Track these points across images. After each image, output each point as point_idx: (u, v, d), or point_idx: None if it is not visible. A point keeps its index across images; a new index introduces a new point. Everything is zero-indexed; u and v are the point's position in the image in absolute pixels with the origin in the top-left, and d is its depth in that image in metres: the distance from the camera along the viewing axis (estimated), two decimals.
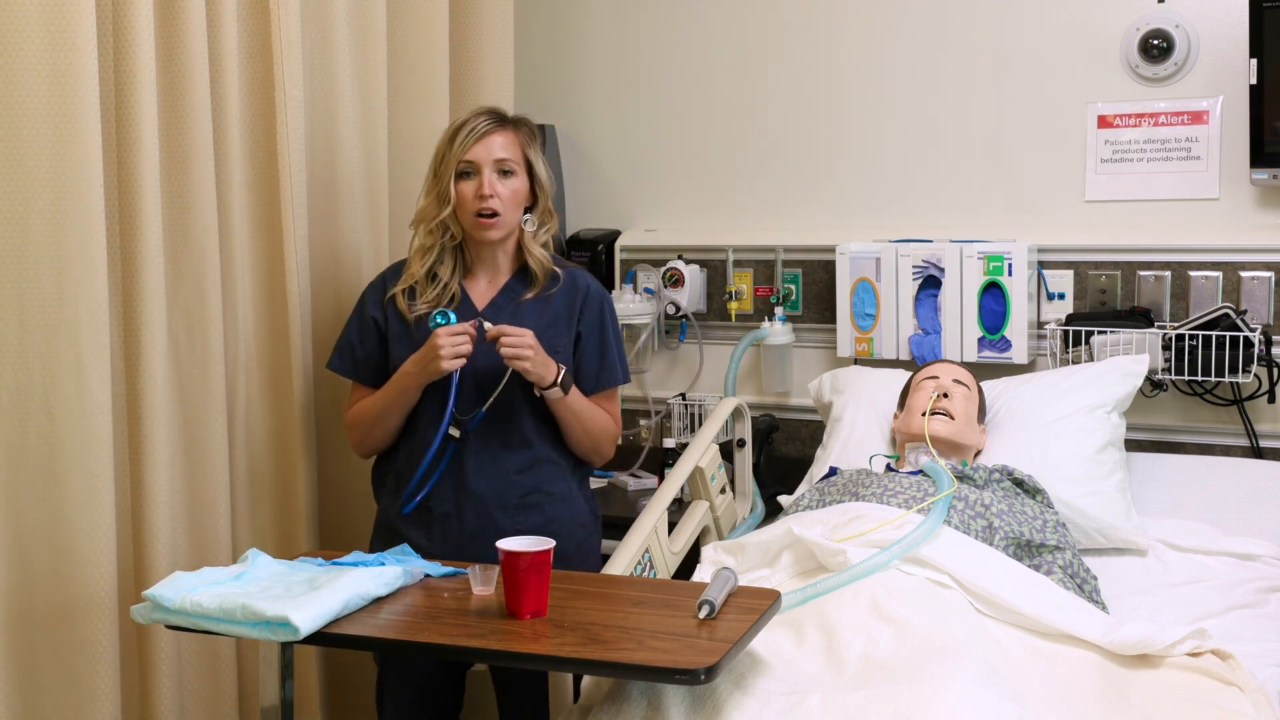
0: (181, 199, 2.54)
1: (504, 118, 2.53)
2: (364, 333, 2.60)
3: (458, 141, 2.48)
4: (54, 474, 2.30)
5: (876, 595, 2.22)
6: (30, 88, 2.23)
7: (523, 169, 2.52)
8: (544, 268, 2.57)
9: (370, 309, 2.60)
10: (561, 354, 2.53)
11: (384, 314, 2.58)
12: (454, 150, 2.48)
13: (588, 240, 3.64)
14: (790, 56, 3.50)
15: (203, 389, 2.59)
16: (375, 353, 2.59)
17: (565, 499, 2.58)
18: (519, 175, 2.51)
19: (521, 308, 2.55)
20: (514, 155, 2.51)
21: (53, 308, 2.28)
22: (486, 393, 2.49)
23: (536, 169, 2.54)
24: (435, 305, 2.52)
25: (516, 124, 2.55)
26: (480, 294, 2.57)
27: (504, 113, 2.55)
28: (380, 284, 2.62)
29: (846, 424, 3.07)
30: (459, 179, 2.48)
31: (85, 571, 2.32)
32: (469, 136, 2.48)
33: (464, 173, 2.48)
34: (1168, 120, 3.12)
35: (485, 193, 2.46)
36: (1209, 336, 2.90)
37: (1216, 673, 2.11)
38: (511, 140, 2.51)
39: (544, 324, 2.54)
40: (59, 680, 2.32)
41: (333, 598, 1.98)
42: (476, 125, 2.49)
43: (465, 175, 2.48)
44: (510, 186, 2.50)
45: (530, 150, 2.54)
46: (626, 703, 1.99)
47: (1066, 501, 2.73)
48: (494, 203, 2.47)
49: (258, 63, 2.70)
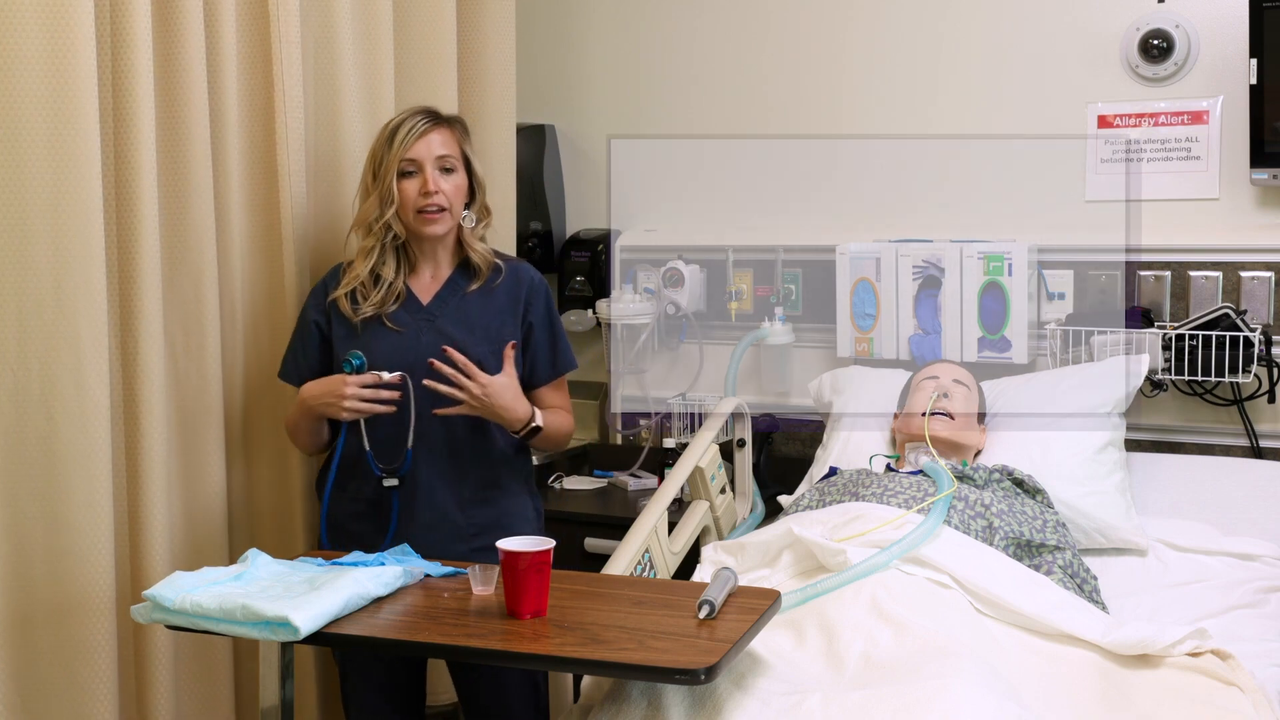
0: (179, 201, 2.54)
1: (439, 115, 2.57)
2: (305, 338, 2.62)
3: (398, 141, 2.51)
4: (52, 475, 2.30)
5: (876, 595, 2.22)
6: (29, 88, 2.23)
7: (461, 165, 2.57)
8: (486, 260, 2.61)
9: (312, 313, 2.62)
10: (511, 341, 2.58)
11: (326, 318, 2.60)
12: (395, 150, 2.51)
13: (588, 240, 3.64)
14: (790, 56, 3.50)
15: (200, 390, 2.59)
16: (315, 359, 2.61)
17: (516, 495, 2.64)
18: (459, 171, 2.56)
19: (466, 300, 2.58)
20: (453, 152, 2.55)
21: (51, 309, 2.28)
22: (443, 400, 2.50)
23: (474, 165, 2.59)
24: (381, 306, 2.54)
25: (452, 121, 2.59)
26: (424, 290, 2.59)
27: (439, 111, 2.59)
28: (321, 288, 2.63)
29: (846, 424, 3.07)
30: (401, 178, 2.51)
31: (83, 572, 2.32)
32: (409, 135, 2.51)
33: (406, 172, 2.51)
34: (1168, 120, 3.12)
35: (430, 189, 2.50)
36: (1209, 336, 2.90)
37: (1216, 673, 2.11)
38: (450, 137, 2.55)
39: (489, 314, 2.58)
40: (57, 680, 2.32)
41: (333, 598, 1.98)
42: (415, 124, 2.52)
43: (407, 174, 2.51)
44: (452, 182, 2.54)
45: (467, 147, 2.59)
46: (626, 703, 1.99)
47: (1066, 501, 2.72)
48: (439, 198, 2.51)
49: (257, 65, 2.70)
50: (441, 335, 2.53)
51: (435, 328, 2.55)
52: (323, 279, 2.65)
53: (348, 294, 2.56)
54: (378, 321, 2.54)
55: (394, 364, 2.50)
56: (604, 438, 3.71)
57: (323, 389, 2.50)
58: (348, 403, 2.44)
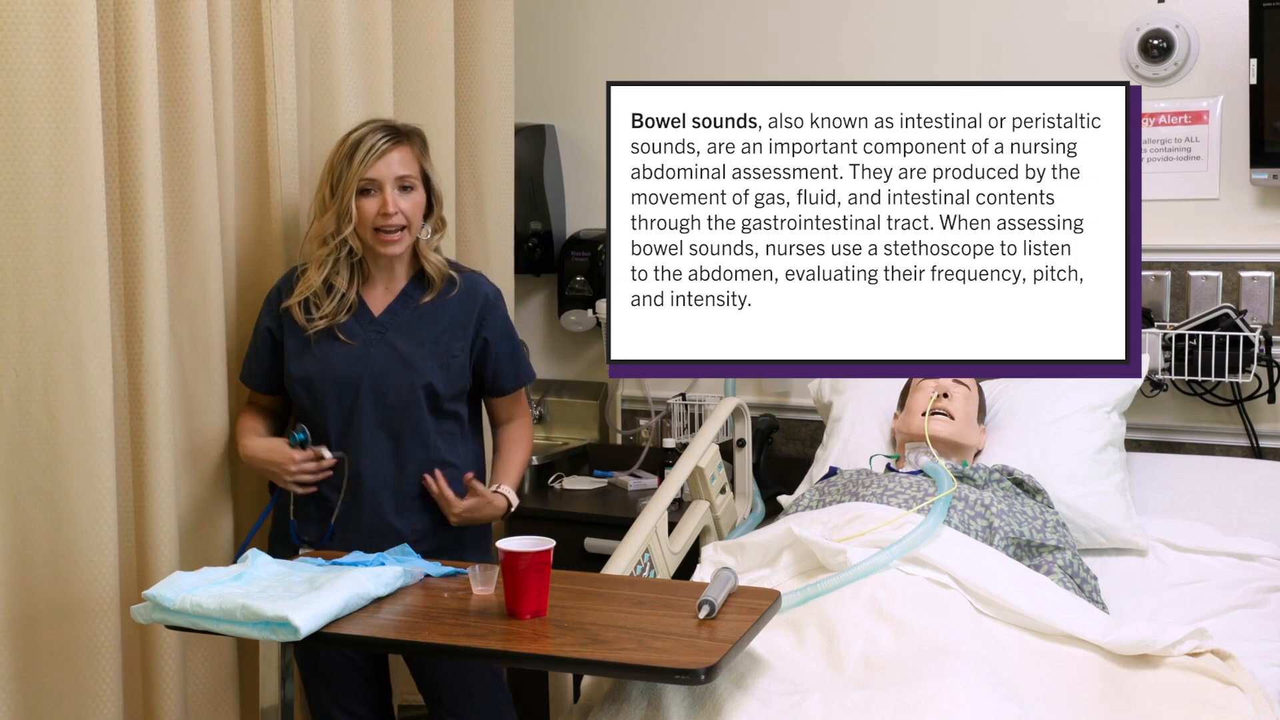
0: (184, 199, 2.53)
1: (398, 130, 2.55)
2: (258, 343, 2.62)
3: (357, 159, 2.49)
4: (55, 474, 2.30)
5: (876, 595, 2.22)
6: (31, 87, 2.22)
7: (420, 182, 2.56)
8: (440, 273, 2.60)
9: (265, 319, 2.62)
10: (459, 358, 2.58)
11: (279, 324, 2.60)
12: (354, 169, 2.49)
13: (588, 240, 3.64)
14: (788, 57, 3.50)
15: (205, 388, 2.59)
16: (268, 363, 2.61)
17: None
18: (418, 189, 2.55)
19: (419, 311, 2.58)
20: (413, 170, 2.54)
21: (53, 309, 2.27)
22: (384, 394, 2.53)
23: (432, 179, 2.59)
24: (333, 318, 2.54)
25: (410, 136, 2.57)
26: (377, 301, 2.59)
27: (397, 125, 2.57)
28: (275, 294, 2.63)
29: (846, 424, 3.07)
30: (359, 196, 2.50)
31: (86, 572, 2.32)
32: (370, 155, 2.49)
33: (364, 190, 2.50)
34: (1168, 120, 3.12)
35: (390, 210, 2.49)
36: (1209, 336, 2.91)
37: (1216, 673, 2.11)
38: (409, 155, 2.54)
39: (440, 328, 2.57)
40: (60, 681, 2.32)
41: (333, 598, 1.98)
42: (376, 143, 2.50)
43: (365, 193, 2.50)
44: (411, 200, 2.53)
45: (426, 163, 2.58)
46: (626, 703, 1.99)
47: (1066, 501, 2.73)
48: (398, 218, 2.50)
49: (250, 67, 2.70)
50: (390, 349, 2.54)
51: (385, 340, 2.55)
52: (276, 284, 2.64)
53: (300, 303, 2.56)
54: (329, 333, 2.55)
55: (343, 376, 2.52)
56: (604, 438, 3.71)
57: (268, 458, 2.54)
58: (292, 479, 2.52)
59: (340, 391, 2.53)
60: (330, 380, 2.53)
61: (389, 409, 2.53)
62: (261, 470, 2.57)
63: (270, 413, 2.66)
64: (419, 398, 2.54)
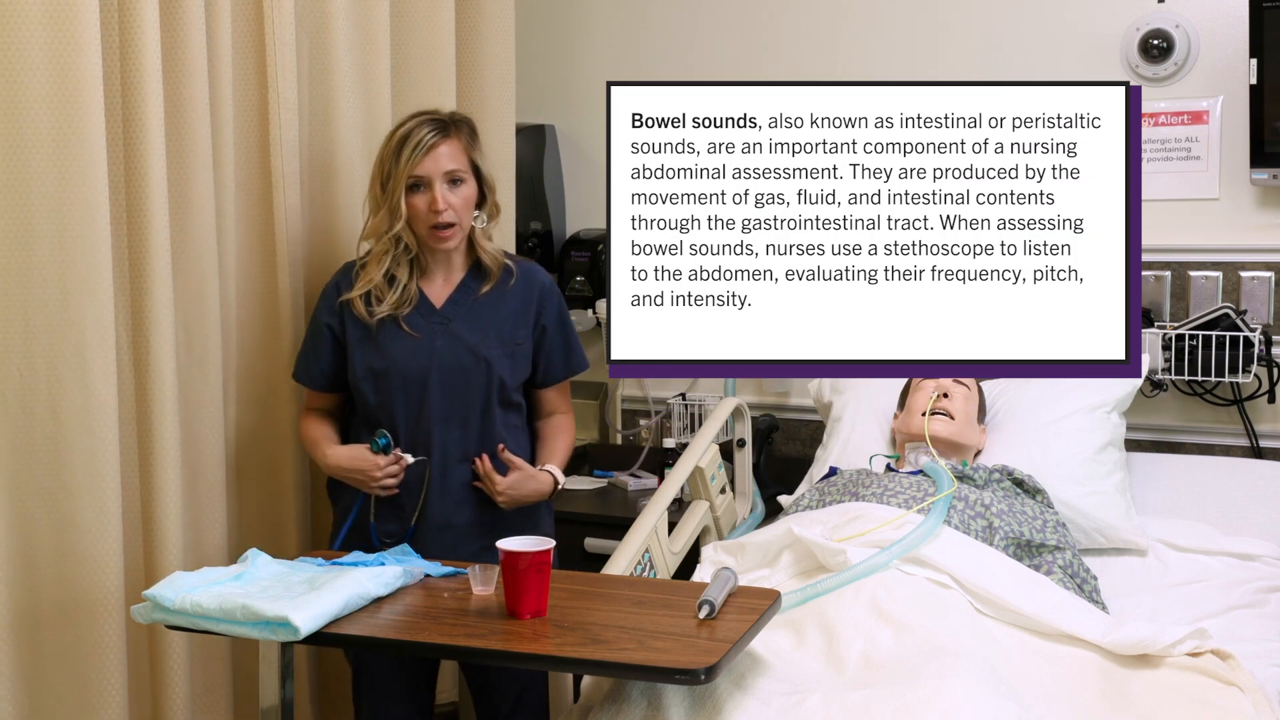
0: (183, 200, 2.53)
1: (445, 123, 2.52)
2: (317, 341, 2.61)
3: (404, 156, 2.47)
4: (59, 475, 2.30)
5: (876, 595, 2.22)
6: (34, 87, 2.22)
7: (470, 174, 2.53)
8: (498, 262, 2.59)
9: (324, 316, 2.60)
10: (522, 346, 2.58)
11: (340, 319, 2.58)
12: (401, 166, 2.47)
13: (588, 240, 3.64)
14: (788, 57, 3.50)
15: (201, 389, 2.59)
16: (329, 361, 2.60)
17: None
18: (468, 182, 2.52)
19: (478, 302, 2.57)
20: (462, 164, 2.51)
21: (57, 310, 2.27)
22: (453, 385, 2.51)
23: (482, 169, 2.56)
24: (395, 309, 2.53)
25: (458, 127, 2.54)
26: (437, 293, 2.58)
27: (444, 116, 2.54)
28: (333, 289, 2.61)
29: (846, 424, 3.07)
30: (409, 193, 2.49)
31: (91, 572, 2.32)
32: (417, 151, 2.47)
33: (413, 186, 2.49)
34: (1168, 120, 3.12)
35: (439, 207, 2.47)
36: (1209, 336, 2.91)
37: (1216, 673, 2.11)
38: (457, 148, 2.51)
39: (501, 317, 2.57)
40: (65, 681, 2.32)
41: (333, 598, 1.98)
42: (423, 138, 2.47)
43: (415, 189, 2.49)
44: (461, 195, 2.51)
45: (474, 153, 2.55)
46: (626, 703, 1.99)
47: (1066, 501, 2.72)
48: (448, 215, 2.49)
49: (251, 66, 2.70)
50: (456, 339, 2.53)
51: (449, 331, 2.54)
52: (333, 279, 2.63)
53: (361, 296, 2.55)
54: (393, 324, 2.54)
55: (410, 369, 2.50)
56: (604, 438, 3.71)
57: (353, 466, 2.50)
58: (377, 484, 2.48)
59: (407, 384, 2.51)
60: (397, 373, 2.51)
61: (458, 400, 2.51)
62: (344, 478, 2.54)
63: (332, 415, 2.65)
64: (487, 388, 2.53)
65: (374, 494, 2.51)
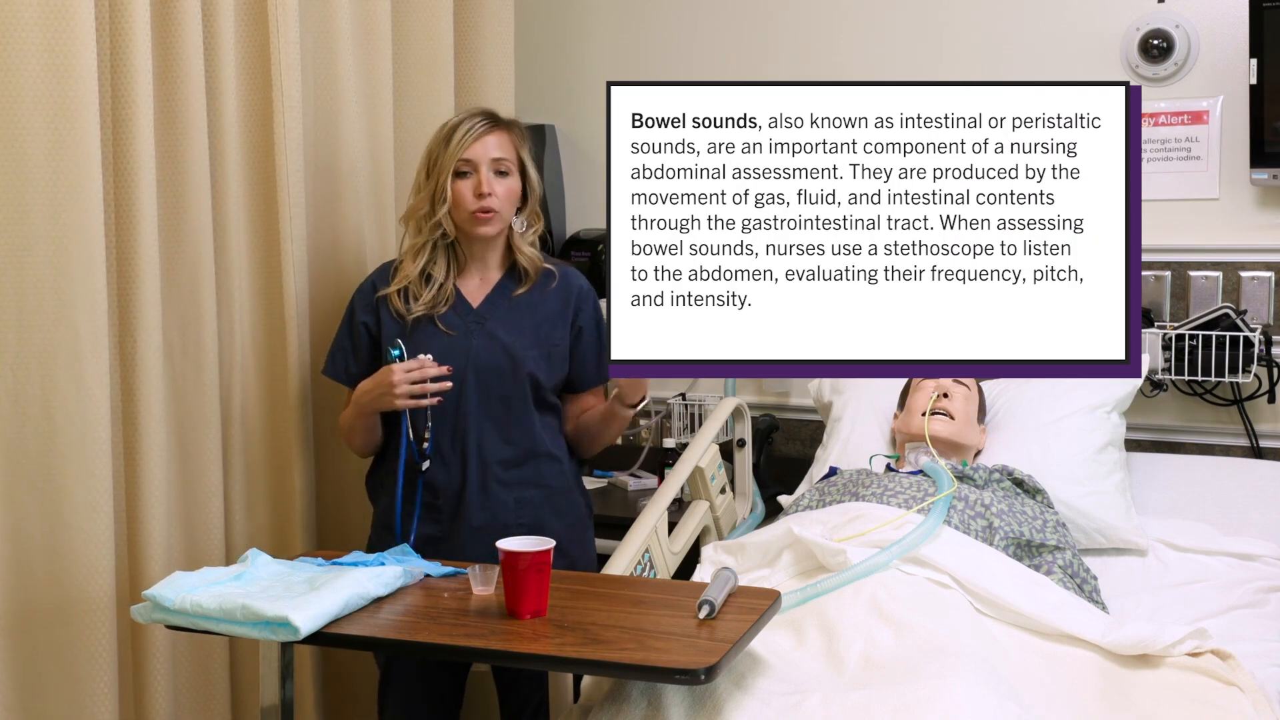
0: (176, 199, 2.54)
1: (498, 119, 2.56)
2: (354, 339, 2.61)
3: (455, 140, 2.50)
4: (52, 475, 2.30)
5: (876, 595, 2.22)
6: (29, 87, 2.23)
7: (516, 169, 2.55)
8: (535, 265, 2.61)
9: (360, 314, 2.61)
10: (559, 348, 2.58)
11: (375, 317, 2.59)
12: (451, 149, 2.50)
13: (588, 240, 3.64)
14: (788, 57, 3.50)
15: (197, 389, 2.58)
16: (366, 358, 2.60)
17: (565, 494, 2.61)
18: (513, 175, 2.55)
19: (515, 303, 2.58)
20: (510, 155, 2.54)
21: (51, 309, 2.27)
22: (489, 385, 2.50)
23: (528, 170, 2.58)
24: (431, 307, 2.53)
25: (510, 125, 2.58)
26: (473, 292, 2.58)
27: (498, 114, 2.58)
28: (369, 287, 2.62)
29: (846, 424, 3.07)
30: (455, 178, 2.50)
31: (83, 572, 2.32)
32: (467, 135, 2.50)
33: (460, 172, 2.50)
34: (1168, 120, 3.12)
35: (485, 191, 2.49)
36: (1209, 336, 2.91)
37: (1216, 673, 2.11)
38: (506, 141, 2.54)
39: (539, 319, 2.57)
40: (57, 680, 2.32)
41: (333, 598, 1.98)
42: (474, 125, 2.51)
43: (462, 174, 2.50)
44: (506, 185, 2.53)
45: (523, 151, 2.58)
46: (626, 703, 1.99)
47: (1066, 501, 2.73)
48: (492, 200, 2.50)
49: (255, 65, 2.70)
50: (492, 339, 2.54)
51: (486, 331, 2.55)
52: (370, 277, 2.64)
53: (399, 292, 2.55)
54: (429, 322, 2.54)
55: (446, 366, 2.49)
56: None
57: (373, 384, 2.49)
58: (399, 390, 2.43)
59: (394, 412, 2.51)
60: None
61: (494, 400, 2.52)
62: (373, 406, 2.48)
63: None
64: (523, 388, 2.54)
65: (399, 406, 2.45)
